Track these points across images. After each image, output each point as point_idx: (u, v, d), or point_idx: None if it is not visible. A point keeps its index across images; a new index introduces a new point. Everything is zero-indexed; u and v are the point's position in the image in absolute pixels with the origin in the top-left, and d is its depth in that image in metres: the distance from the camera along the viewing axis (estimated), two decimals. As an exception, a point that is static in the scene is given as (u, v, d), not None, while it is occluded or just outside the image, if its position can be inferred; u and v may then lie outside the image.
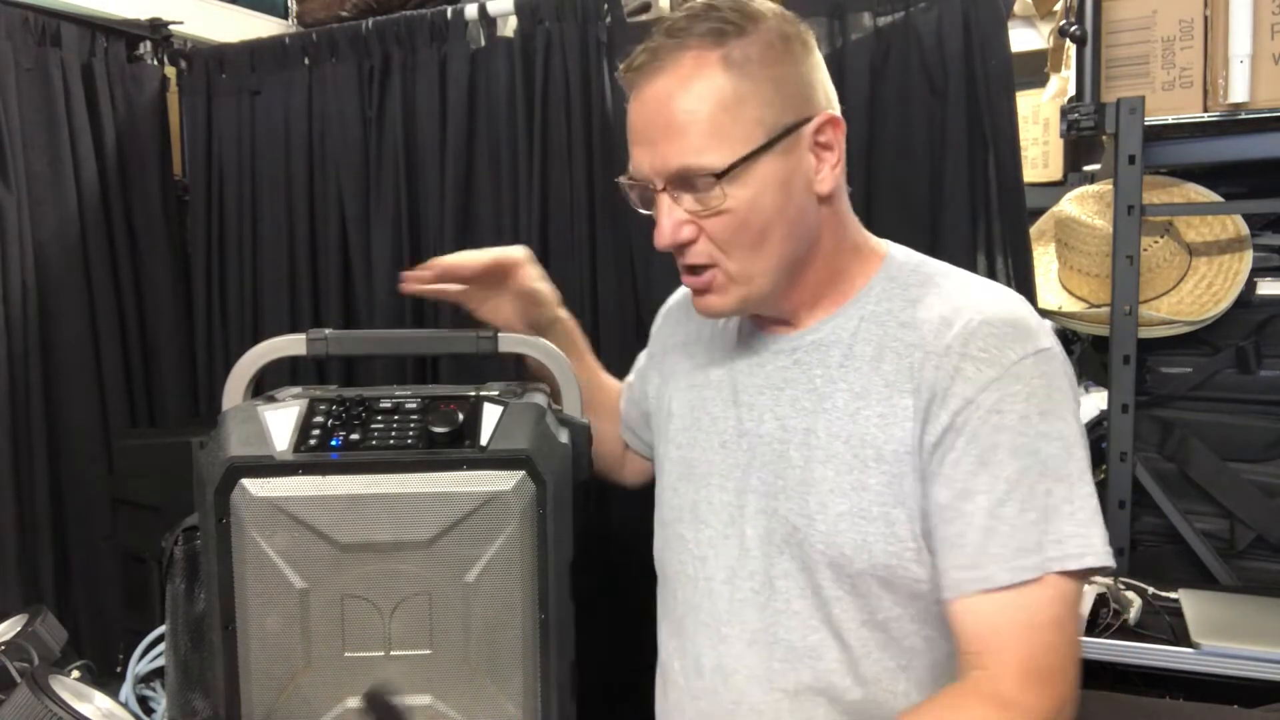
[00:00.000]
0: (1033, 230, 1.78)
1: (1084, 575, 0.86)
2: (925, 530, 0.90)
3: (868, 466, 0.90)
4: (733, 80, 0.89)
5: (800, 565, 0.94)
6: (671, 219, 0.93)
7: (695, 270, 0.95)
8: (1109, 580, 1.42)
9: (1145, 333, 1.59)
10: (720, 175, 0.89)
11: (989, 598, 0.85)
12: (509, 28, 1.80)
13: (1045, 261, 1.83)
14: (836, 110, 0.95)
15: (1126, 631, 1.34)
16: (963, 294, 0.93)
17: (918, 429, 0.89)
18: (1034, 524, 0.84)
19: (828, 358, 0.96)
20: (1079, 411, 0.90)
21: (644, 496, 1.20)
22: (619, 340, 1.67)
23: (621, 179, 0.98)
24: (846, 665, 0.93)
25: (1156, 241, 1.62)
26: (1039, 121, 2.54)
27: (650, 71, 0.92)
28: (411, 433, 1.03)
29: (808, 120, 0.92)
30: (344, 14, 1.98)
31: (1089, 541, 0.85)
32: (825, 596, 0.92)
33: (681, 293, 1.21)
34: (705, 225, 0.92)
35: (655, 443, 1.15)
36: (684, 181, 0.91)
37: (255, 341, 1.31)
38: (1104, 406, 1.63)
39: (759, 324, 1.04)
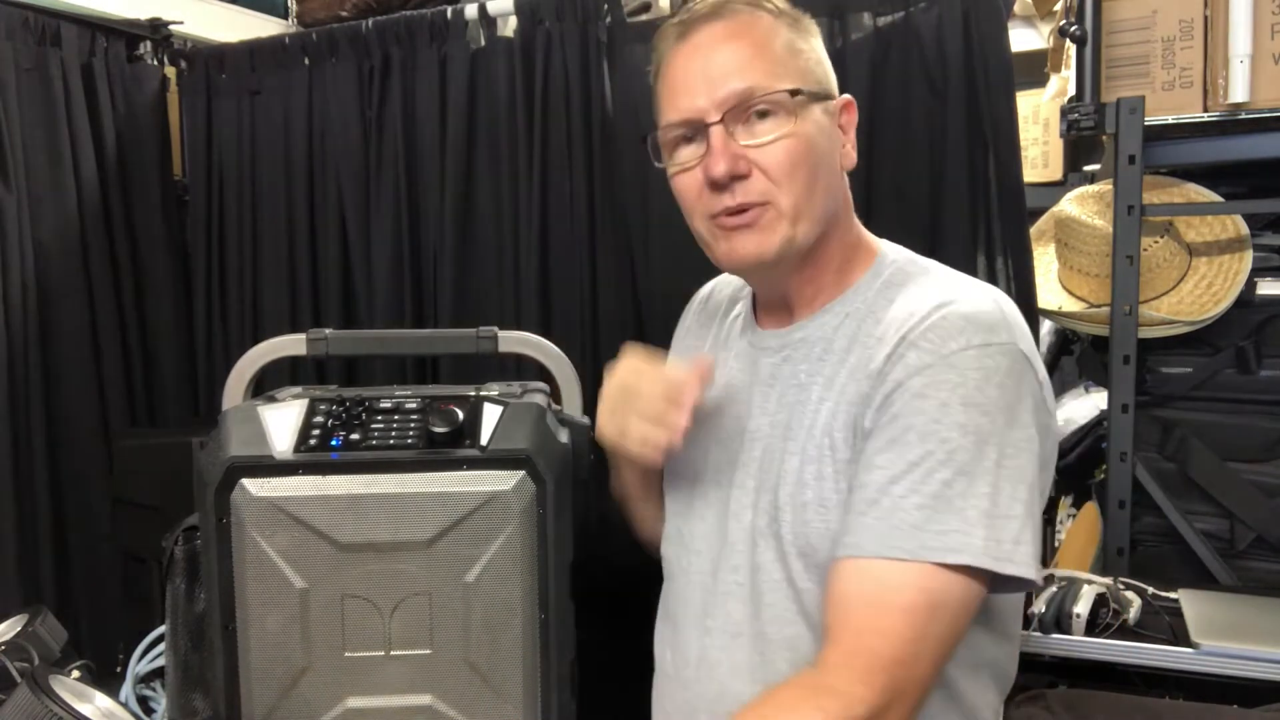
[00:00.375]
0: (1033, 230, 1.78)
1: (969, 575, 0.81)
2: None
3: (824, 455, 0.91)
4: (789, 34, 0.95)
5: (777, 556, 0.94)
6: (728, 149, 0.91)
7: (739, 210, 0.93)
8: (1109, 580, 1.42)
9: (1145, 333, 1.59)
10: (793, 94, 0.91)
11: (853, 564, 0.84)
12: (509, 28, 1.80)
13: (1045, 261, 1.82)
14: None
15: (1126, 631, 1.34)
16: (936, 290, 0.92)
17: (862, 414, 0.89)
18: (919, 508, 0.82)
19: (810, 353, 0.97)
20: (1024, 412, 0.85)
21: (644, 496, 1.19)
22: (619, 340, 1.66)
23: (650, 135, 0.97)
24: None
25: (1156, 241, 1.62)
26: (1039, 121, 2.54)
27: (706, 20, 0.94)
28: (411, 433, 1.03)
29: (835, 96, 0.98)
30: (344, 14, 1.98)
31: (968, 540, 0.81)
32: (799, 588, 0.93)
33: (698, 297, 1.20)
34: (760, 158, 0.91)
35: None
36: (744, 110, 0.91)
37: (255, 341, 1.32)
38: (1104, 406, 1.63)
39: (758, 320, 1.05)
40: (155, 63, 2.08)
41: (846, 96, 0.99)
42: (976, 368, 0.84)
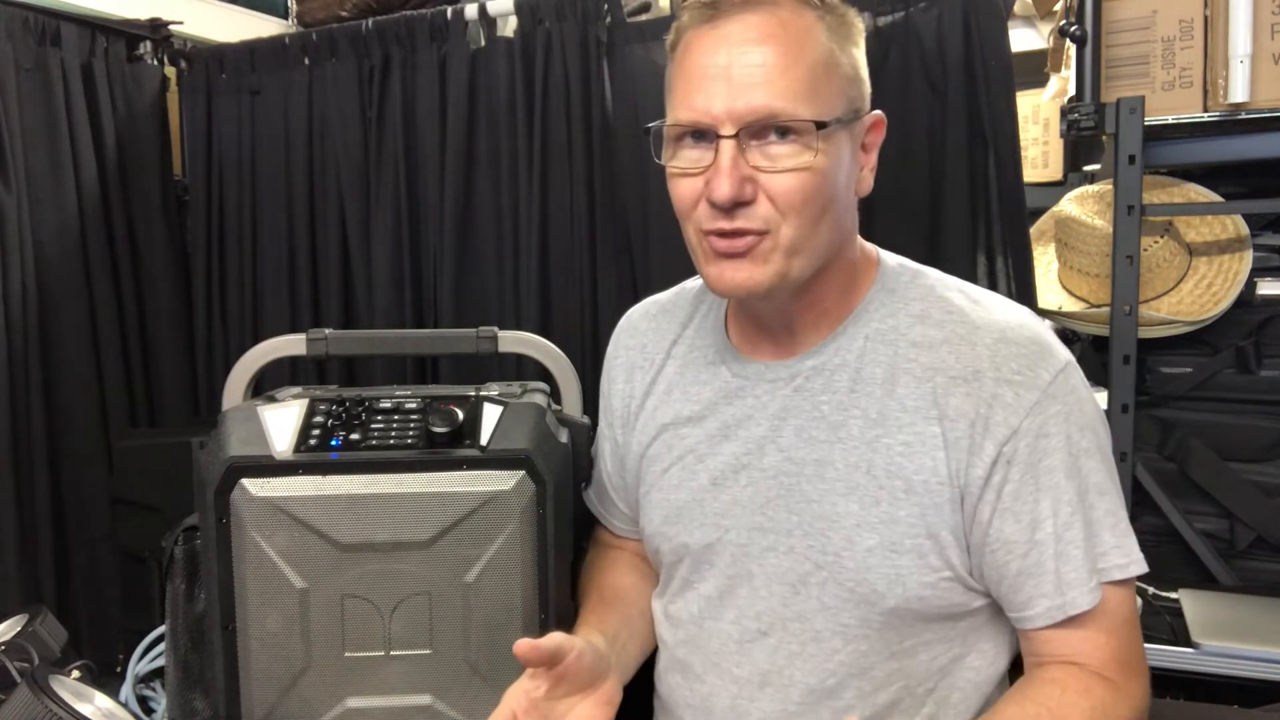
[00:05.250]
0: (1033, 230, 1.78)
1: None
2: (965, 560, 0.89)
3: (897, 498, 0.88)
4: (828, 43, 0.86)
5: (819, 605, 0.91)
6: (736, 171, 0.83)
7: (735, 235, 0.85)
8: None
9: (1145, 333, 1.59)
10: (820, 127, 0.83)
11: (1074, 620, 0.87)
12: (509, 28, 1.80)
13: (1045, 261, 1.82)
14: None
15: (1126, 631, 1.34)
16: (971, 309, 0.91)
17: (954, 459, 0.86)
18: (1089, 539, 0.86)
19: (834, 383, 0.92)
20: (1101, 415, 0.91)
21: (644, 496, 1.19)
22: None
23: (658, 124, 0.89)
24: (866, 698, 0.91)
25: (1156, 241, 1.62)
26: (1039, 121, 2.54)
27: (740, 6, 0.84)
28: (411, 433, 1.03)
29: (865, 114, 0.91)
30: (344, 14, 1.98)
31: (1130, 552, 0.88)
32: (850, 635, 0.90)
33: (629, 329, 1.12)
34: (770, 184, 0.84)
35: (632, 487, 1.09)
36: (761, 131, 0.83)
37: (255, 341, 1.32)
38: (1104, 406, 1.63)
39: (744, 350, 0.99)
40: (155, 63, 2.08)
41: (876, 114, 0.92)
42: (1070, 391, 0.87)
